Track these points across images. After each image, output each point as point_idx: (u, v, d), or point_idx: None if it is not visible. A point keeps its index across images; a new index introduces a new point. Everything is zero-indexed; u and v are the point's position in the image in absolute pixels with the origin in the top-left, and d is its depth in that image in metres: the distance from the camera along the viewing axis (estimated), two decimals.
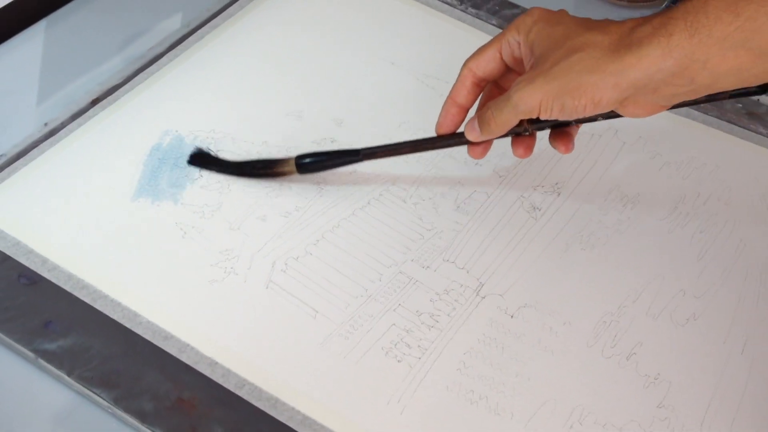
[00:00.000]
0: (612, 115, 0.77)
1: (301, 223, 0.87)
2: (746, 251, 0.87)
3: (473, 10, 1.09)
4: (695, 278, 0.85)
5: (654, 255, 0.87)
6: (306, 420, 0.74)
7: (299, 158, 0.88)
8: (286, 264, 0.84)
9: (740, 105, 0.99)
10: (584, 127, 0.85)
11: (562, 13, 0.78)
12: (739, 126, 0.97)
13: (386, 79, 1.01)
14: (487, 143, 0.83)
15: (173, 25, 1.07)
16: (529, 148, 0.83)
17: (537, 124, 0.80)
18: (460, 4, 1.09)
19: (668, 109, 0.76)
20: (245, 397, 0.75)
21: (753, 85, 0.74)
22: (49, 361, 0.77)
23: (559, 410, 0.76)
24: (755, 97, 0.98)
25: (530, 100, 0.74)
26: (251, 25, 1.06)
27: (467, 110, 0.84)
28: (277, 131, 0.95)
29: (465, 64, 0.82)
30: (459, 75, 0.83)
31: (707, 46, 0.68)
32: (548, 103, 0.73)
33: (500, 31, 1.04)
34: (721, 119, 0.98)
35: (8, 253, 0.83)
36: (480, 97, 0.85)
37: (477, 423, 0.75)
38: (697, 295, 0.84)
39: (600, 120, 0.79)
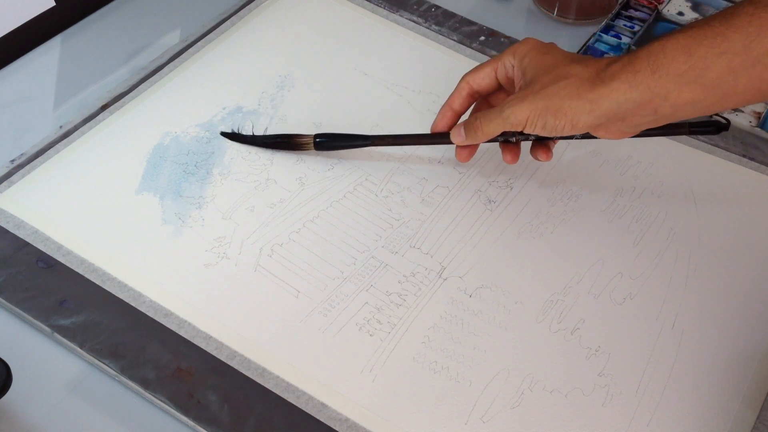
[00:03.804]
0: (587, 135, 0.79)
1: (285, 214, 0.87)
2: (676, 238, 0.87)
3: (436, 27, 1.08)
4: (631, 262, 0.85)
5: (595, 241, 0.87)
6: (290, 387, 0.74)
7: (317, 137, 0.90)
8: (272, 249, 0.84)
9: None
10: None
11: (552, 45, 0.81)
12: None
13: (359, 88, 1.01)
14: (472, 150, 0.86)
15: (173, 40, 1.06)
16: (516, 156, 0.85)
17: (523, 136, 0.83)
18: (425, 22, 1.09)
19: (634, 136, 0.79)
20: (236, 366, 0.75)
21: (707, 114, 0.77)
22: (63, 335, 0.77)
23: (512, 379, 0.76)
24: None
25: (520, 115, 0.77)
26: (242, 40, 1.06)
27: (459, 116, 0.87)
28: (264, 132, 0.94)
29: (464, 78, 0.85)
30: (457, 86, 0.85)
31: (666, 82, 0.71)
32: (534, 120, 0.77)
33: (459, 45, 1.06)
34: None
35: (28, 240, 0.83)
36: (471, 108, 0.88)
37: (439, 390, 0.75)
38: (633, 276, 0.84)
39: (577, 138, 0.82)
